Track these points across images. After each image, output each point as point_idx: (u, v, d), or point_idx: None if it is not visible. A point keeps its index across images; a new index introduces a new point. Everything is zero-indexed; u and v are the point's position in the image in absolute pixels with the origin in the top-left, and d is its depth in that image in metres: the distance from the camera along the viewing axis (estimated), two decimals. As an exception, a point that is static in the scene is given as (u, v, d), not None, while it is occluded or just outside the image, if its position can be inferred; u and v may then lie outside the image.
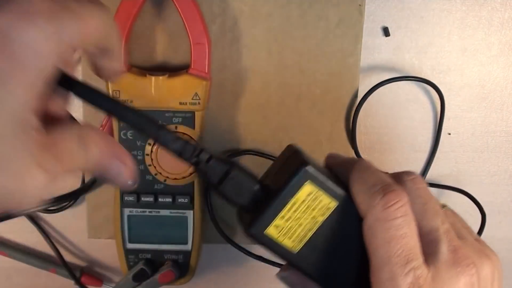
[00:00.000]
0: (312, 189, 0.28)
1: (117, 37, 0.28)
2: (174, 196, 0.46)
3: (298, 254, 0.29)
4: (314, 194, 0.28)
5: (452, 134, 0.52)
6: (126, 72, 0.43)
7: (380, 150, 0.52)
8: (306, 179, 0.28)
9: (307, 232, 0.29)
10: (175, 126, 0.44)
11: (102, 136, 0.27)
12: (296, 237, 0.29)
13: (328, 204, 0.29)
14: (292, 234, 0.29)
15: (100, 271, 0.55)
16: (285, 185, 0.28)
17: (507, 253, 0.56)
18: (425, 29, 0.49)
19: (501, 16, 0.49)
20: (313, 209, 0.28)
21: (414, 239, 0.27)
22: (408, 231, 0.26)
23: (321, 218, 0.29)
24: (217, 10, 0.45)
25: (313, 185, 0.28)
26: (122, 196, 0.46)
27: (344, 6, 0.45)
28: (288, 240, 0.29)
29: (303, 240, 0.29)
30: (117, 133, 0.44)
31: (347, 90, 0.47)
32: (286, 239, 0.29)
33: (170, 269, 0.46)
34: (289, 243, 0.29)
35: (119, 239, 0.47)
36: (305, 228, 0.29)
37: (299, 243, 0.29)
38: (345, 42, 0.46)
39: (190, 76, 0.43)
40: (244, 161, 0.49)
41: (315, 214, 0.28)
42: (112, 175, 0.27)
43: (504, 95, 0.51)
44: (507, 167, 0.53)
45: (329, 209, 0.29)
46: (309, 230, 0.29)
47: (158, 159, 0.44)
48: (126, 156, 0.28)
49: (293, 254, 0.29)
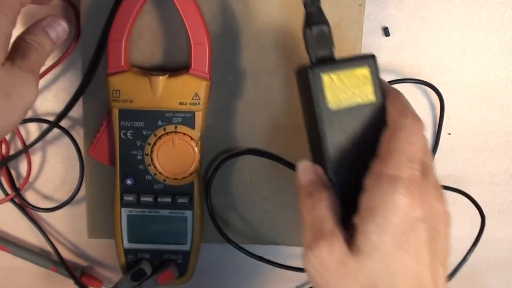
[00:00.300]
0: (367, 74, 0.35)
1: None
2: (173, 196, 0.46)
3: (329, 113, 0.34)
4: (366, 79, 0.35)
5: (452, 134, 0.52)
6: (127, 72, 0.43)
7: (380, 150, 0.52)
8: (368, 64, 0.35)
9: (345, 102, 0.35)
10: (175, 126, 0.44)
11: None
12: (337, 97, 0.35)
13: (369, 94, 0.35)
14: (336, 93, 0.35)
15: (100, 271, 0.55)
16: (352, 58, 0.35)
17: (507, 253, 0.56)
18: (425, 29, 0.49)
19: (501, 16, 0.49)
20: (358, 89, 0.35)
21: (421, 152, 0.33)
22: (421, 145, 0.33)
23: (359, 99, 0.35)
24: (217, 10, 0.45)
25: (369, 72, 0.35)
26: (121, 196, 0.46)
27: (344, 6, 0.45)
28: (330, 94, 0.35)
29: (340, 105, 0.35)
30: (117, 133, 0.44)
31: (347, 90, 0.47)
32: (330, 93, 0.35)
33: (169, 269, 0.46)
34: (330, 97, 0.34)
35: (119, 239, 0.47)
36: (346, 98, 0.35)
37: (335, 104, 0.35)
38: (345, 42, 0.46)
39: (190, 76, 0.43)
40: (244, 161, 0.49)
41: (357, 93, 0.35)
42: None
43: (504, 95, 0.51)
44: (507, 167, 0.53)
45: (368, 98, 0.35)
46: (346, 100, 0.35)
47: (157, 159, 0.44)
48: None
49: (326, 108, 0.34)
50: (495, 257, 0.56)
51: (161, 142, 0.44)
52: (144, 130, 0.44)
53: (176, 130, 0.44)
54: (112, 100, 0.43)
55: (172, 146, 0.44)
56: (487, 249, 0.55)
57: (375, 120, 0.35)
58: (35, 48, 0.36)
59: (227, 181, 0.49)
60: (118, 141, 0.44)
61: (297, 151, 0.49)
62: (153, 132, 0.44)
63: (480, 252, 0.56)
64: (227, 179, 0.49)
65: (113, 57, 0.42)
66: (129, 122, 0.44)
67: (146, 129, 0.44)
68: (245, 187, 0.50)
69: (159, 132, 0.44)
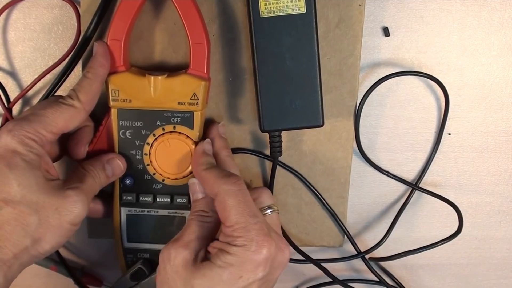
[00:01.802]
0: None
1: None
2: (172, 196, 0.46)
3: (260, 21, 0.41)
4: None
5: (452, 134, 0.52)
6: (126, 72, 0.43)
7: (380, 150, 0.52)
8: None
9: (277, 12, 0.41)
10: (173, 126, 0.44)
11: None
12: (269, 8, 0.41)
13: (301, 7, 0.41)
14: (270, 4, 0.40)
15: (100, 271, 0.55)
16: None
17: (507, 253, 0.56)
18: (425, 29, 0.49)
19: (501, 16, 0.49)
20: (292, 2, 0.41)
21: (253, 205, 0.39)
22: (249, 199, 0.39)
23: (291, 11, 0.41)
24: (217, 10, 0.45)
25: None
26: (121, 196, 0.46)
27: (344, 6, 0.45)
28: (264, 5, 0.40)
29: (272, 14, 0.41)
30: (116, 133, 0.44)
31: (347, 90, 0.47)
32: (264, 3, 0.41)
33: None
34: (263, 7, 0.41)
35: (118, 238, 0.47)
36: (279, 8, 0.41)
37: (267, 13, 0.41)
38: (345, 42, 0.46)
39: (189, 76, 0.42)
40: (243, 160, 0.49)
41: (290, 5, 0.41)
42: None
43: (504, 95, 0.51)
44: (507, 167, 0.53)
45: (299, 10, 0.41)
46: (279, 11, 0.41)
47: (156, 159, 0.44)
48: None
49: (258, 17, 0.41)
50: (495, 257, 0.56)
51: (159, 142, 0.44)
52: (143, 129, 0.44)
53: (175, 130, 0.44)
54: (111, 100, 0.43)
55: (170, 146, 0.44)
56: (487, 249, 0.55)
57: (303, 28, 0.41)
58: (91, 176, 0.42)
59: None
60: (117, 140, 0.44)
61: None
62: (152, 132, 0.44)
63: (480, 252, 0.56)
64: (227, 179, 0.49)
65: (112, 57, 0.42)
66: (128, 121, 0.44)
67: (145, 128, 0.44)
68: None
69: (158, 132, 0.44)
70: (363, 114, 0.50)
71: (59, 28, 0.48)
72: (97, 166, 0.43)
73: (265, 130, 0.43)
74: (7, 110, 0.48)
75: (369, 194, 0.53)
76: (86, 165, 0.43)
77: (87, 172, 0.42)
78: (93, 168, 0.42)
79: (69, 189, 0.39)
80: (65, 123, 0.40)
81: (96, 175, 0.42)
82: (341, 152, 0.49)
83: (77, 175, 0.42)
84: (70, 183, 0.40)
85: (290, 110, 0.43)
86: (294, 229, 0.51)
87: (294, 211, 0.50)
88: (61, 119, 0.40)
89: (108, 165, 0.43)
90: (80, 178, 0.41)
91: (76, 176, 0.41)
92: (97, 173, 0.43)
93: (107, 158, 0.44)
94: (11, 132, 0.38)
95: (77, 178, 0.41)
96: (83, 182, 0.41)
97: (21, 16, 0.48)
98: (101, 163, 0.43)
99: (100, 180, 0.43)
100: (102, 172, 0.43)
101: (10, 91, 0.49)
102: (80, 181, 0.41)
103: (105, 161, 0.44)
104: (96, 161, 0.43)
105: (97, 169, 0.43)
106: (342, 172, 0.49)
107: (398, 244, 0.54)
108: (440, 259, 0.56)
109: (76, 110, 0.41)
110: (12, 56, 0.49)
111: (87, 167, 0.42)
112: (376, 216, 0.54)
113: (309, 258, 0.50)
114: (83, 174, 0.42)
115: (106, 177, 0.43)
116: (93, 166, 0.43)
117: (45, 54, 0.48)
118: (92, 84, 0.41)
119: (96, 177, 0.42)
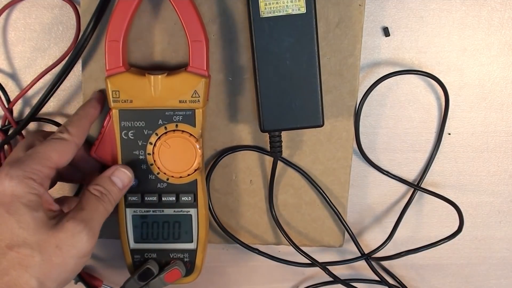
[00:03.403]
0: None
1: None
2: (177, 195, 0.46)
3: (260, 21, 0.41)
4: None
5: (452, 134, 0.52)
6: (126, 72, 0.43)
7: (380, 150, 0.52)
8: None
9: (277, 12, 0.41)
10: (175, 124, 0.44)
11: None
12: (269, 8, 0.40)
13: (301, 7, 0.41)
14: (269, 4, 0.41)
15: (100, 270, 0.55)
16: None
17: (507, 253, 0.56)
18: (425, 29, 0.49)
19: (501, 16, 0.49)
20: (292, 2, 0.41)
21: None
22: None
23: (290, 11, 0.41)
24: (217, 10, 0.45)
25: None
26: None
27: (344, 6, 0.45)
28: (264, 5, 0.41)
29: (272, 14, 0.41)
30: (118, 134, 0.44)
31: (347, 90, 0.47)
32: (264, 3, 0.41)
33: (176, 268, 0.46)
34: (263, 7, 0.41)
35: (125, 239, 0.47)
36: (278, 8, 0.41)
37: (267, 13, 0.41)
38: (345, 42, 0.46)
39: (189, 74, 0.43)
40: (244, 157, 0.49)
41: (290, 5, 0.41)
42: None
43: (504, 95, 0.51)
44: (507, 167, 0.53)
45: (299, 10, 0.41)
46: (279, 11, 0.41)
47: (160, 158, 0.44)
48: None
49: (258, 17, 0.41)
50: (495, 257, 0.56)
51: (162, 141, 0.44)
52: (145, 129, 0.44)
53: (177, 128, 0.44)
54: (111, 101, 0.43)
55: (173, 145, 0.44)
56: (487, 249, 0.55)
57: (303, 28, 0.41)
58: (96, 197, 0.41)
59: (227, 181, 0.49)
60: (119, 141, 0.44)
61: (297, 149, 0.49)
62: (154, 131, 0.44)
63: (480, 252, 0.56)
64: (227, 179, 0.49)
65: (112, 58, 0.42)
66: (130, 122, 0.44)
67: (147, 128, 0.44)
68: (245, 187, 0.50)
69: (160, 131, 0.44)
70: (363, 114, 0.50)
71: (59, 28, 0.48)
72: (104, 183, 0.42)
73: (265, 130, 0.43)
74: (7, 110, 0.48)
75: (369, 194, 0.53)
76: (92, 186, 0.41)
77: (92, 194, 0.41)
78: (99, 188, 0.41)
79: (68, 221, 0.38)
80: (59, 157, 0.40)
81: (106, 193, 0.41)
82: (341, 152, 0.49)
83: (81, 201, 0.40)
84: (72, 213, 0.39)
85: (290, 110, 0.43)
86: (294, 229, 0.51)
87: (294, 211, 0.50)
88: (55, 153, 0.40)
89: (115, 177, 0.43)
90: (81, 204, 0.40)
91: (80, 203, 0.40)
92: (107, 190, 0.42)
93: (112, 171, 0.43)
94: (8, 176, 0.37)
95: (80, 204, 0.40)
96: (84, 209, 0.39)
97: (21, 16, 0.48)
98: (107, 179, 0.42)
99: (112, 196, 0.42)
100: (112, 187, 0.42)
101: (10, 91, 0.49)
102: (82, 207, 0.39)
103: (110, 175, 0.43)
104: (102, 179, 0.42)
105: (105, 186, 0.42)
106: (342, 172, 0.49)
107: (399, 244, 0.54)
108: (440, 259, 0.56)
109: (67, 142, 0.41)
110: (12, 56, 0.49)
111: (92, 188, 0.41)
112: (376, 216, 0.54)
113: (311, 259, 0.50)
114: (86, 199, 0.40)
115: (118, 190, 0.42)
116: (100, 184, 0.42)
117: (45, 54, 0.48)
118: (81, 119, 0.43)
119: (106, 196, 0.41)
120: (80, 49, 0.43)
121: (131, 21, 0.42)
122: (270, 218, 0.50)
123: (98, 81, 0.46)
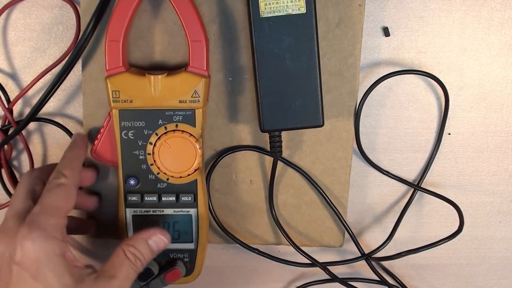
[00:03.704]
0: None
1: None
2: (177, 195, 0.46)
3: (260, 21, 0.41)
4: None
5: (452, 134, 0.52)
6: (126, 72, 0.43)
7: (380, 150, 0.52)
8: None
9: (277, 12, 0.41)
10: (175, 124, 0.44)
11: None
12: (269, 7, 0.41)
13: (301, 7, 0.41)
14: (269, 4, 0.41)
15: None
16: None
17: (507, 253, 0.56)
18: (425, 29, 0.49)
19: (501, 16, 0.49)
20: (292, 2, 0.41)
21: None
22: None
23: (290, 11, 0.41)
24: (217, 10, 0.45)
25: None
26: (125, 197, 0.46)
27: (344, 6, 0.45)
28: (264, 5, 0.41)
29: (272, 14, 0.41)
30: (118, 134, 0.44)
31: (347, 90, 0.47)
32: (264, 3, 0.41)
33: (176, 268, 0.46)
34: (263, 6, 0.41)
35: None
36: (278, 8, 0.41)
37: (267, 13, 0.41)
38: (345, 42, 0.46)
39: (188, 74, 0.43)
40: (244, 157, 0.49)
41: (290, 5, 0.41)
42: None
43: (504, 95, 0.51)
44: (507, 167, 0.53)
45: (299, 10, 0.41)
46: (279, 11, 0.41)
47: (160, 158, 0.44)
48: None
49: (258, 17, 0.41)
50: (495, 257, 0.56)
51: (162, 141, 0.44)
52: (145, 129, 0.44)
53: (177, 128, 0.44)
54: (111, 101, 0.43)
55: (173, 145, 0.44)
56: (487, 249, 0.55)
57: (303, 28, 0.41)
58: (130, 263, 0.40)
59: (227, 181, 0.49)
60: (119, 141, 0.44)
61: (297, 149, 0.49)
62: (154, 131, 0.44)
63: (480, 252, 0.56)
64: (227, 179, 0.49)
65: (112, 58, 0.42)
66: (130, 122, 0.44)
67: (147, 128, 0.44)
68: (245, 187, 0.50)
69: (160, 131, 0.44)
70: (363, 114, 0.50)
71: (59, 28, 0.48)
72: (140, 245, 0.41)
73: (265, 130, 0.43)
74: (7, 110, 0.48)
75: (369, 194, 0.53)
76: (127, 247, 0.41)
77: (126, 258, 0.40)
78: (135, 251, 0.41)
79: (101, 281, 0.38)
80: (66, 203, 0.39)
81: (139, 256, 0.41)
82: (341, 152, 0.49)
83: (114, 261, 0.40)
84: (103, 281, 0.38)
85: (290, 110, 0.43)
86: (294, 229, 0.51)
87: (294, 211, 0.50)
88: (62, 200, 0.39)
89: (152, 242, 0.42)
90: (116, 270, 0.39)
91: (112, 263, 0.40)
92: (141, 255, 0.41)
93: (150, 235, 0.42)
94: (29, 239, 0.36)
95: (112, 266, 0.39)
96: (116, 277, 0.39)
97: (21, 16, 0.48)
98: (145, 242, 0.42)
99: (145, 261, 0.41)
100: (148, 251, 0.41)
101: (10, 91, 0.49)
102: (113, 275, 0.39)
103: (148, 238, 0.42)
104: (138, 241, 0.41)
105: (141, 250, 0.41)
106: (342, 172, 0.49)
107: (399, 244, 0.54)
108: (440, 259, 0.56)
109: (67, 186, 0.40)
110: (12, 56, 0.49)
111: (128, 250, 0.40)
112: (376, 216, 0.54)
113: (311, 259, 0.50)
114: (121, 261, 0.40)
115: (152, 255, 0.42)
116: (136, 247, 0.41)
117: (45, 54, 0.48)
118: (72, 161, 0.42)
119: (139, 258, 0.41)
120: (80, 49, 0.43)
121: (131, 21, 0.42)
122: (270, 218, 0.50)
123: (98, 81, 0.46)
